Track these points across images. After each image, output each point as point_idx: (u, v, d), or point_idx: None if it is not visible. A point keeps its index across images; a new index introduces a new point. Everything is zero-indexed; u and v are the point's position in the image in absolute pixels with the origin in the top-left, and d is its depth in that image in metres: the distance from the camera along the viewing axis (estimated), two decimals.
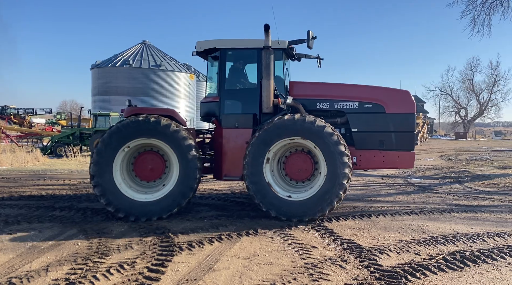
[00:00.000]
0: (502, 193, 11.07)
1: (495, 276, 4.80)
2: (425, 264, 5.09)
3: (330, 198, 6.99)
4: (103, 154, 7.09)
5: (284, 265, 5.06)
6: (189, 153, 7.16)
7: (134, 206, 7.11)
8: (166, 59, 49.36)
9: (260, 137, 7.18)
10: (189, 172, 7.18)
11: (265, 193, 7.17)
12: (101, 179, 7.05)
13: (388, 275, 4.71)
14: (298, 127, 7.08)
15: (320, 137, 7.01)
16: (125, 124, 7.18)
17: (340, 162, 6.94)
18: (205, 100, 8.75)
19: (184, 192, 7.19)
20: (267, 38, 7.53)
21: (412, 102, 7.91)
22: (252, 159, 7.18)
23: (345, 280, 4.61)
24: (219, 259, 5.22)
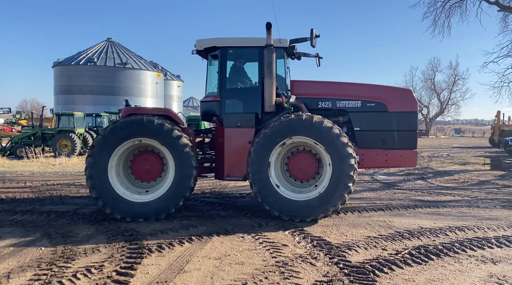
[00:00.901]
0: (462, 188, 11.57)
1: (457, 268, 5.00)
2: (392, 259, 5.24)
3: (335, 200, 6.92)
4: (97, 155, 6.99)
5: (255, 264, 5.08)
6: (184, 153, 7.06)
7: (131, 207, 7.02)
8: (133, 57, 48.40)
9: (266, 136, 7.10)
10: (185, 171, 7.09)
11: (269, 192, 7.09)
12: (96, 181, 6.96)
13: (357, 271, 4.82)
14: (305, 127, 7.00)
15: (327, 138, 6.93)
16: (119, 124, 7.10)
17: (347, 164, 6.88)
18: (205, 99, 8.55)
19: (181, 192, 7.10)
20: (269, 36, 7.41)
21: (414, 101, 7.99)
22: (257, 157, 7.09)
23: (315, 277, 4.67)
24: (190, 260, 5.17)
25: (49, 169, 15.78)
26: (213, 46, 8.07)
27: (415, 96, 8.18)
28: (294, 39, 8.21)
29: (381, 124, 7.82)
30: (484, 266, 5.09)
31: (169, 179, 7.19)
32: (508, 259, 5.32)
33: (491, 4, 16.15)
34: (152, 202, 7.11)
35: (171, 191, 7.11)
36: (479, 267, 5.06)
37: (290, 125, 7.05)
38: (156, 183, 7.51)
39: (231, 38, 8.06)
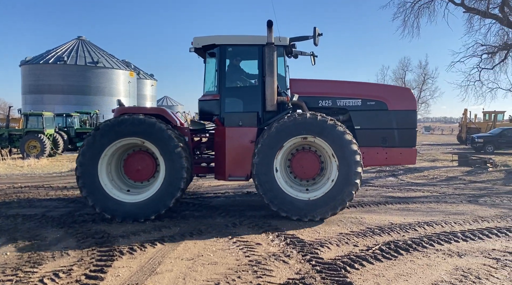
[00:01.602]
0: (431, 184, 11.91)
1: (425, 262, 5.15)
2: (363, 255, 5.34)
3: (343, 197, 6.93)
4: (88, 155, 6.92)
5: (228, 263, 5.07)
6: (174, 153, 6.96)
7: (122, 207, 6.93)
8: (104, 56, 47.43)
9: (271, 136, 7.03)
10: (175, 172, 6.98)
11: (276, 193, 7.03)
12: (86, 181, 6.90)
13: (329, 268, 4.88)
14: (310, 126, 6.98)
15: (333, 136, 6.93)
16: (108, 124, 7.00)
17: (353, 161, 6.91)
18: (204, 98, 8.40)
19: (171, 193, 6.99)
20: (270, 34, 7.33)
21: (413, 99, 8.10)
22: (262, 158, 7.02)
23: (288, 275, 4.71)
24: (162, 262, 5.11)
25: (16, 171, 15.26)
26: (210, 44, 7.95)
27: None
28: (294, 38, 8.18)
29: (381, 122, 7.89)
30: (451, 259, 5.26)
31: (160, 179, 7.09)
32: (473, 252, 5.51)
33: (457, 6, 16.68)
34: (143, 202, 7.00)
35: (162, 191, 7.00)
36: (446, 260, 5.22)
37: (295, 124, 7.02)
38: (149, 183, 7.43)
39: (230, 35, 7.97)
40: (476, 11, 16.14)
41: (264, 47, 7.48)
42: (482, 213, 7.87)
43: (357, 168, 6.92)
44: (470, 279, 4.60)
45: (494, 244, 5.89)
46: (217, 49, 7.95)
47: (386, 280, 4.59)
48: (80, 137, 23.51)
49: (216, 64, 8.00)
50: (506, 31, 16.85)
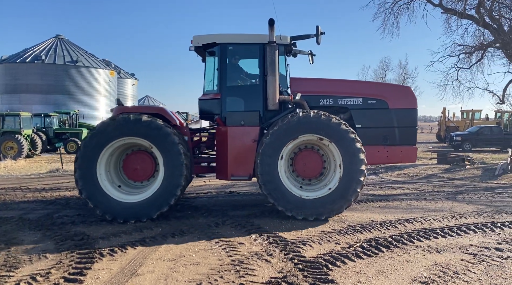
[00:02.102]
0: (411, 182, 12.11)
1: (405, 259, 5.22)
2: (345, 253, 5.38)
3: (348, 195, 6.95)
4: (86, 156, 6.88)
5: (211, 264, 5.04)
6: (173, 152, 6.90)
7: (122, 208, 6.87)
8: (84, 55, 46.60)
9: (275, 135, 6.99)
10: (175, 171, 6.92)
11: (281, 192, 7.00)
12: (85, 182, 6.85)
13: (311, 266, 4.91)
14: (315, 125, 6.97)
15: (337, 135, 6.94)
16: (106, 123, 6.95)
17: (358, 159, 6.92)
18: (204, 97, 8.30)
19: (171, 192, 6.93)
20: (271, 33, 7.28)
21: (414, 98, 8.15)
22: (267, 157, 6.98)
23: (270, 274, 4.71)
24: (143, 263, 5.05)
25: None
26: (210, 43, 7.89)
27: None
28: (295, 36, 8.18)
29: (382, 121, 7.93)
30: (430, 255, 5.35)
31: (159, 178, 7.03)
32: (451, 248, 5.62)
33: (435, 6, 16.99)
34: (142, 202, 6.94)
35: (162, 190, 6.94)
36: (425, 256, 5.31)
37: (299, 123, 7.00)
38: (149, 183, 7.37)
39: (231, 34, 7.93)
40: (453, 12, 16.48)
41: (265, 46, 7.48)
42: (460, 210, 8.04)
43: (361, 166, 6.94)
44: (448, 274, 4.69)
45: (472, 240, 6.02)
46: (218, 48, 7.90)
47: (367, 277, 4.64)
48: (59, 138, 23.08)
49: (217, 63, 7.95)
50: (482, 32, 17.28)
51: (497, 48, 17.57)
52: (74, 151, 22.27)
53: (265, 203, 8.64)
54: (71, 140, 22.76)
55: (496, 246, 5.68)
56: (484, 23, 15.64)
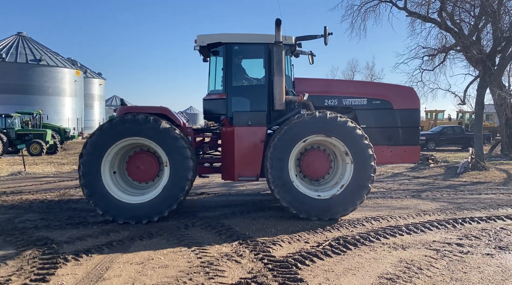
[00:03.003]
0: (378, 181, 12.39)
1: (372, 256, 5.34)
2: (314, 251, 5.45)
3: (360, 192, 6.96)
4: (91, 155, 6.80)
5: (180, 266, 4.98)
6: (179, 153, 6.83)
7: (124, 209, 6.79)
8: (48, 53, 45.09)
9: (285, 137, 6.92)
10: (180, 172, 6.85)
11: (293, 195, 6.95)
12: (89, 181, 6.78)
13: (280, 265, 4.94)
14: (325, 126, 6.94)
15: (346, 133, 6.92)
16: (111, 124, 6.87)
17: (368, 155, 6.93)
18: (209, 97, 8.16)
19: (175, 194, 6.86)
20: (278, 33, 7.25)
21: (417, 98, 8.26)
22: (277, 160, 6.92)
23: (240, 274, 4.70)
24: (110, 267, 4.92)
25: None
26: (215, 42, 7.82)
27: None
28: (300, 37, 8.16)
29: (386, 121, 8.00)
30: (396, 252, 5.50)
31: (164, 179, 6.96)
32: (416, 245, 5.80)
33: (400, 9, 17.45)
34: (147, 203, 6.86)
35: (165, 192, 6.87)
36: (391, 253, 5.45)
37: (309, 124, 6.98)
38: (153, 184, 7.30)
39: (236, 34, 7.89)
40: (417, 15, 16.99)
41: (270, 46, 7.49)
42: (424, 207, 8.30)
43: (371, 162, 6.99)
44: (413, 270, 4.84)
45: (435, 236, 6.23)
46: (223, 48, 7.84)
47: (335, 275, 4.72)
48: (22, 139, 22.20)
49: (222, 63, 7.88)
50: (444, 35, 17.89)
51: (458, 51, 18.25)
52: (37, 152, 21.51)
53: (235, 204, 8.65)
54: (34, 141, 21.94)
55: (458, 242, 5.90)
56: (446, 26, 16.22)
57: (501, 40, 15.79)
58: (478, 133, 15.88)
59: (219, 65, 8.11)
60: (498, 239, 6.04)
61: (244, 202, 8.85)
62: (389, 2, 17.47)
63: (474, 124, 17.15)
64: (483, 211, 7.91)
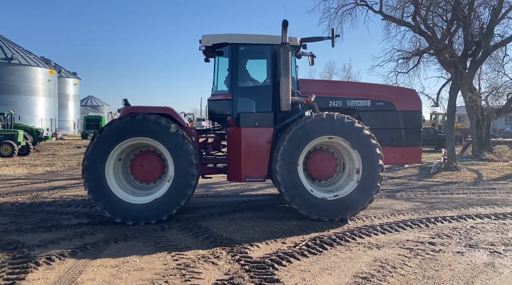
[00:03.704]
0: None
1: (347, 255, 5.42)
2: (290, 252, 5.48)
3: (370, 191, 7.02)
4: (95, 155, 6.77)
5: (156, 269, 4.92)
6: (184, 153, 6.83)
7: (131, 210, 6.80)
8: (20, 52, 43.88)
9: (295, 137, 6.93)
10: (185, 172, 6.84)
11: (303, 196, 6.96)
12: (94, 182, 6.75)
13: (257, 266, 4.95)
14: (335, 127, 6.99)
15: (358, 138, 6.99)
16: (117, 124, 6.87)
17: (376, 154, 7.00)
18: (214, 98, 8.08)
19: (181, 194, 6.87)
20: (284, 34, 7.22)
21: (419, 100, 8.36)
22: (286, 162, 6.91)
23: (216, 276, 4.69)
24: (83, 271, 4.82)
25: None
26: (220, 43, 7.79)
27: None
28: (306, 38, 8.17)
29: (389, 122, 8.09)
30: (370, 251, 5.60)
31: (169, 179, 6.96)
32: (390, 244, 5.91)
33: (376, 13, 17.79)
34: (151, 204, 6.85)
35: (171, 192, 6.86)
36: (366, 253, 5.54)
37: (318, 125, 7.00)
38: (156, 184, 7.32)
39: (242, 34, 7.87)
40: (392, 19, 17.36)
41: (275, 47, 7.54)
42: (398, 207, 8.48)
43: (379, 161, 7.06)
44: (387, 269, 4.93)
45: (408, 235, 6.37)
46: (229, 48, 7.81)
47: (311, 275, 4.76)
48: None
49: (228, 64, 7.85)
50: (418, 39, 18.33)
51: (431, 54, 18.74)
52: (8, 154, 20.85)
53: (213, 205, 8.62)
54: (5, 142, 21.25)
55: (430, 240, 6.06)
56: (419, 30, 16.62)
57: (471, 44, 16.29)
58: (450, 134, 16.32)
59: (224, 66, 8.14)
60: (468, 238, 6.23)
61: (222, 203, 8.83)
62: (365, 5, 17.79)
63: (447, 126, 17.62)
64: (455, 210, 8.14)
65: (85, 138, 37.85)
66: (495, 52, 17.88)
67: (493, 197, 9.74)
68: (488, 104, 19.90)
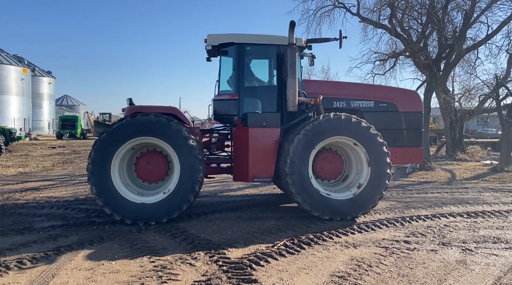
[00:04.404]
0: None
1: (325, 255, 5.47)
2: (268, 252, 5.49)
3: (379, 189, 7.16)
4: (101, 154, 6.77)
5: (132, 271, 4.85)
6: (190, 153, 6.86)
7: (134, 209, 6.80)
8: None
9: (306, 138, 6.97)
10: (191, 172, 6.88)
11: (313, 196, 7.01)
12: (98, 181, 6.74)
13: (235, 267, 4.94)
14: (343, 126, 7.06)
15: (367, 138, 7.09)
16: (123, 123, 6.89)
17: (384, 162, 7.13)
18: (220, 97, 8.02)
19: (186, 194, 6.89)
20: (291, 35, 7.24)
21: (420, 102, 8.55)
22: (296, 164, 6.93)
23: (194, 277, 4.66)
24: (56, 274, 4.70)
25: None
26: (227, 42, 7.76)
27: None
28: (311, 39, 8.23)
29: (392, 123, 8.20)
30: (347, 250, 5.67)
31: (174, 180, 6.99)
32: (366, 243, 6.00)
33: (353, 15, 18.03)
34: (157, 203, 6.89)
35: (176, 193, 6.89)
36: (343, 252, 5.61)
37: (330, 125, 7.07)
38: (162, 184, 7.35)
39: (249, 34, 7.89)
40: (369, 21, 17.62)
41: (280, 47, 7.59)
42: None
43: (387, 169, 7.22)
44: (363, 267, 5.00)
45: (384, 234, 6.48)
46: (235, 48, 7.77)
47: (289, 274, 4.78)
48: None
49: (234, 63, 7.82)
50: (394, 41, 18.68)
51: (407, 57, 19.11)
52: None
53: (191, 206, 8.52)
54: None
55: (405, 239, 6.18)
56: (396, 33, 16.94)
57: (445, 47, 16.71)
58: (425, 135, 16.68)
59: (228, 66, 8.14)
60: (441, 236, 6.39)
61: (201, 204, 8.77)
62: (343, 7, 17.98)
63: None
64: (429, 209, 8.33)
65: (60, 139, 36.98)
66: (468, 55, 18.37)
67: (466, 196, 10.01)
68: (461, 105, 20.43)
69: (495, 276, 4.78)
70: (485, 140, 24.97)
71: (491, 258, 5.39)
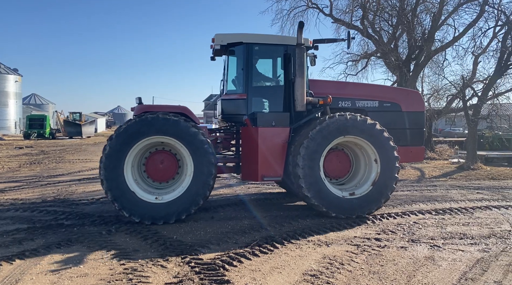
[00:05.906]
0: None
1: (297, 254, 5.50)
2: (242, 252, 5.47)
3: (386, 192, 7.28)
4: (113, 155, 6.73)
5: (101, 274, 4.72)
6: (203, 151, 6.90)
7: (150, 209, 6.79)
8: None
9: (318, 137, 7.01)
10: (205, 170, 6.90)
11: (324, 194, 7.08)
12: (112, 183, 6.70)
13: (208, 268, 4.89)
14: (357, 127, 7.16)
15: (374, 135, 7.21)
16: (135, 122, 6.87)
17: (393, 157, 7.25)
18: (228, 97, 7.93)
19: (196, 197, 6.90)
20: (300, 35, 7.22)
21: (422, 102, 8.67)
22: (308, 158, 6.97)
23: (165, 279, 4.58)
24: (20, 279, 4.52)
25: None
26: (234, 42, 7.74)
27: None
28: (318, 39, 8.25)
29: (395, 123, 8.29)
30: (320, 249, 5.71)
31: (186, 178, 7.00)
32: (338, 241, 6.07)
33: (326, 16, 18.30)
34: (168, 203, 6.88)
35: (190, 191, 6.89)
36: (316, 250, 5.65)
37: (342, 125, 7.14)
38: (171, 184, 7.35)
39: (257, 34, 7.93)
40: (342, 22, 17.91)
41: (288, 47, 7.63)
42: None
43: (396, 163, 7.32)
44: (335, 265, 5.05)
45: (356, 232, 6.58)
46: (243, 48, 7.75)
47: (262, 274, 4.77)
48: None
49: (242, 63, 7.76)
50: (366, 42, 19.10)
51: (378, 57, 19.56)
52: None
53: None
54: None
55: (376, 237, 6.29)
56: (367, 34, 17.29)
57: (414, 48, 17.17)
58: None
59: (235, 65, 8.13)
60: (411, 233, 6.54)
61: None
62: (316, 8, 18.21)
63: None
64: (399, 207, 8.52)
65: (28, 139, 35.71)
66: (436, 56, 18.95)
67: (434, 193, 10.30)
68: (430, 105, 21.02)
69: (461, 271, 4.92)
70: (453, 139, 25.81)
71: (458, 253, 5.55)
